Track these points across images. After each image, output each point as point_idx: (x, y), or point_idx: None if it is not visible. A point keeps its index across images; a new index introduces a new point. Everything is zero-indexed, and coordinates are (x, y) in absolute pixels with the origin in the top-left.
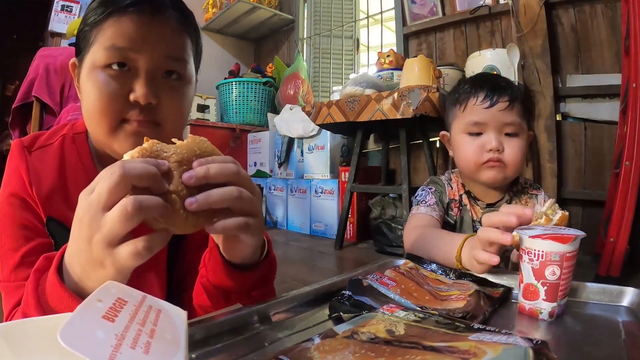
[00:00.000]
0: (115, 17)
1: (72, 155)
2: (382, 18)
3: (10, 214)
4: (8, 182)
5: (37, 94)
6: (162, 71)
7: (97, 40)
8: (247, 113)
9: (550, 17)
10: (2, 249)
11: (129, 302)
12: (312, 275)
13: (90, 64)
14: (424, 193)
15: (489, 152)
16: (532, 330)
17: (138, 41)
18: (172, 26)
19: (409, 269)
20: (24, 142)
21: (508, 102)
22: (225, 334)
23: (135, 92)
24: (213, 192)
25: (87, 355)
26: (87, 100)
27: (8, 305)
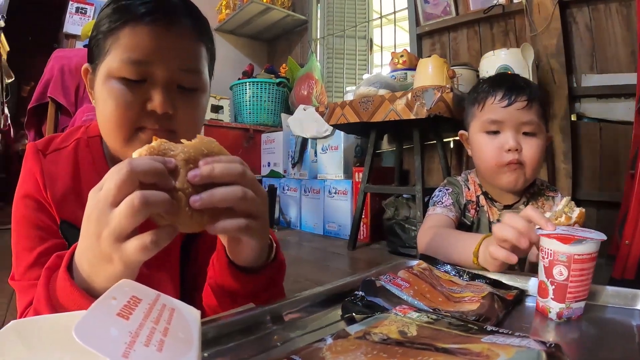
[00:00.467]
0: (130, 27)
1: (86, 159)
2: (395, 18)
3: (26, 215)
4: (23, 184)
5: (52, 95)
6: (177, 83)
7: (113, 49)
8: (261, 113)
9: (565, 16)
10: (17, 248)
11: (143, 301)
12: (325, 275)
13: (105, 73)
14: (440, 194)
15: (507, 152)
16: (546, 333)
17: (155, 53)
18: (187, 36)
19: (422, 269)
20: (38, 145)
21: (526, 101)
22: (237, 333)
23: (153, 102)
24: (216, 190)
25: (102, 352)
26: (104, 110)
27: (22, 304)
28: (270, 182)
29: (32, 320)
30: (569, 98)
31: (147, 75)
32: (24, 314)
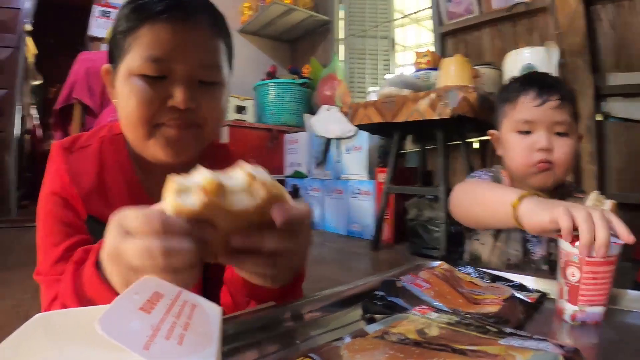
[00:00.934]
0: (149, 24)
1: (111, 156)
2: (418, 17)
3: (52, 212)
4: (49, 182)
5: (78, 96)
6: (198, 79)
7: (132, 48)
8: (284, 114)
9: (589, 13)
10: (43, 244)
11: (165, 296)
12: (348, 276)
13: (126, 71)
14: (480, 173)
15: (538, 151)
16: (566, 338)
17: (174, 50)
18: (205, 32)
19: (443, 270)
20: (64, 143)
21: (559, 100)
22: (257, 331)
23: (175, 98)
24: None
25: (124, 343)
26: (125, 107)
27: (47, 298)
28: (293, 182)
29: (57, 313)
30: (594, 97)
31: (168, 71)
32: (49, 307)
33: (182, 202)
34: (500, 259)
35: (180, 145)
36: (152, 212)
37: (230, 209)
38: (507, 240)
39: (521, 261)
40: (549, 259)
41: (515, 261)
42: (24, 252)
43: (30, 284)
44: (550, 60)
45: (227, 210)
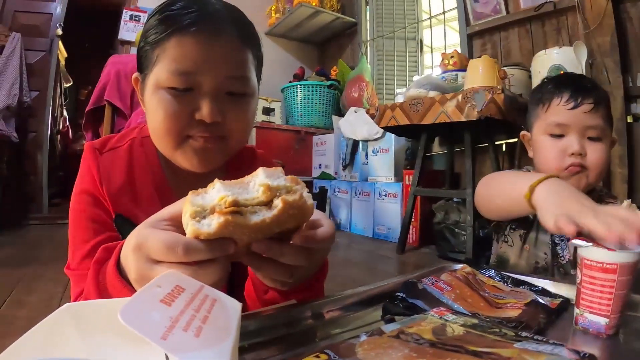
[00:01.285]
0: (177, 37)
1: (140, 157)
2: (444, 18)
3: (83, 209)
4: (81, 180)
5: (108, 98)
6: (225, 91)
7: (160, 60)
8: (312, 115)
9: (618, 11)
10: (74, 240)
11: (186, 290)
12: (373, 278)
13: (154, 83)
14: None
15: (570, 156)
16: (586, 345)
17: (201, 63)
18: (233, 44)
19: (466, 273)
20: (95, 144)
21: (593, 104)
22: (278, 328)
23: (202, 112)
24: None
25: (143, 332)
26: (153, 119)
27: (75, 291)
28: (321, 183)
29: (85, 304)
30: (625, 98)
31: (195, 84)
32: (78, 299)
33: (199, 227)
34: (528, 262)
35: (206, 156)
36: (172, 240)
37: (247, 224)
38: (536, 243)
39: (550, 265)
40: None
41: (543, 265)
42: (55, 248)
43: (62, 278)
44: (579, 60)
45: (245, 225)
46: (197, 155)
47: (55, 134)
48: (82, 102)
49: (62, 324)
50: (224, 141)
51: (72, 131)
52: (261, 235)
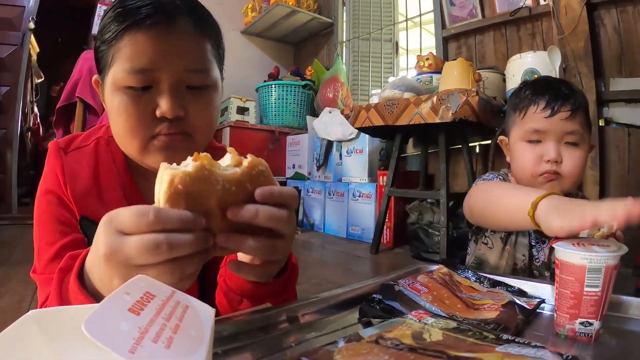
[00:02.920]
0: (130, 34)
1: (106, 158)
2: (421, 21)
3: (48, 210)
4: (45, 181)
5: (80, 95)
6: (185, 85)
7: (116, 60)
8: (287, 116)
9: (592, 18)
10: (39, 242)
11: (156, 297)
12: (347, 278)
13: (112, 84)
14: (491, 176)
15: (546, 162)
16: (565, 345)
17: (157, 59)
18: (189, 35)
19: (442, 274)
20: (60, 143)
21: (570, 111)
22: (253, 332)
23: (161, 108)
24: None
25: (109, 346)
26: (115, 121)
27: (42, 296)
28: (294, 184)
29: (51, 310)
30: (597, 103)
31: (153, 81)
32: (44, 306)
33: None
34: (507, 262)
35: (173, 154)
36: (143, 208)
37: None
38: (516, 245)
39: (527, 266)
40: (551, 266)
41: (521, 266)
42: (25, 249)
43: (32, 280)
44: (553, 65)
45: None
46: (162, 154)
47: (25, 131)
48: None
49: (28, 332)
50: (189, 138)
51: (43, 128)
52: (232, 199)
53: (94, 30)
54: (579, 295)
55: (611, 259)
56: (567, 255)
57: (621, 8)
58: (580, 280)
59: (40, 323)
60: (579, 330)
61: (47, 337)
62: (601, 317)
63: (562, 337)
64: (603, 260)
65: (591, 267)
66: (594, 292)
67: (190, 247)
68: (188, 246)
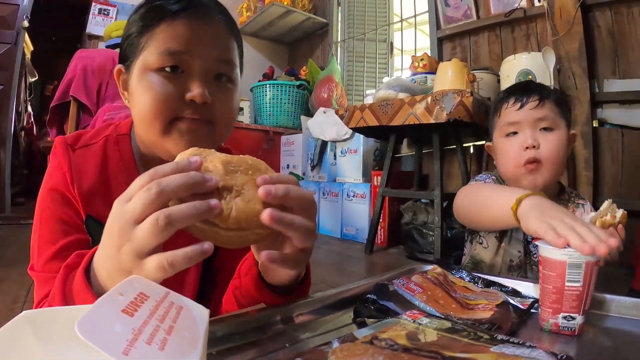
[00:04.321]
0: (167, 22)
1: (115, 157)
2: (415, 21)
3: (51, 208)
4: (50, 178)
5: (74, 94)
6: (214, 73)
7: (149, 45)
8: (281, 115)
9: (587, 19)
10: (40, 240)
11: (150, 298)
12: (342, 278)
13: (141, 67)
14: (484, 176)
15: (525, 150)
16: (559, 345)
17: (192, 44)
18: (221, 30)
19: (436, 274)
20: (67, 139)
21: (538, 100)
22: (248, 332)
23: (192, 92)
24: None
25: (102, 348)
26: (140, 102)
27: (40, 294)
28: None
29: (45, 311)
30: (591, 103)
31: (185, 65)
32: (40, 304)
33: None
34: (504, 259)
35: (195, 140)
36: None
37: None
38: (510, 241)
39: (523, 262)
40: None
41: (517, 262)
42: (19, 249)
43: (25, 280)
44: (547, 65)
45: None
46: (184, 138)
47: (19, 130)
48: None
49: (21, 331)
50: (211, 127)
51: (37, 128)
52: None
53: (88, 29)
54: (561, 290)
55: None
56: (548, 251)
57: (615, 10)
58: (561, 275)
59: (34, 324)
60: (562, 325)
61: (40, 338)
62: (583, 311)
63: (546, 331)
64: (583, 256)
65: (571, 262)
66: (575, 287)
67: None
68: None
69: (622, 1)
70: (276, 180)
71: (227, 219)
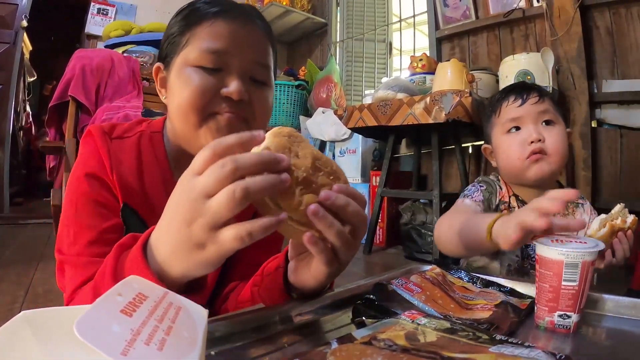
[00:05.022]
0: (209, 20)
1: (149, 153)
2: (414, 22)
3: (88, 192)
4: (86, 163)
5: (73, 94)
6: (250, 74)
7: (190, 42)
8: (280, 116)
9: (585, 20)
10: (76, 224)
11: (149, 298)
12: (340, 278)
13: (182, 62)
14: (473, 189)
15: (530, 144)
16: (558, 344)
17: (231, 44)
18: (259, 34)
19: (435, 275)
20: (105, 127)
21: (538, 96)
22: (247, 333)
23: (229, 88)
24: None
25: (100, 348)
26: (179, 95)
27: (78, 279)
28: None
29: (44, 311)
30: (590, 104)
31: (224, 64)
32: (77, 290)
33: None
34: (502, 264)
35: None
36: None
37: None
38: None
39: (521, 266)
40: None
41: (515, 266)
42: (18, 250)
43: (24, 281)
44: (546, 66)
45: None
46: (219, 134)
47: (17, 130)
48: (46, 97)
49: (20, 332)
50: (246, 125)
51: (36, 127)
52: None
53: (87, 29)
54: (557, 289)
55: (588, 255)
56: (545, 250)
57: (614, 10)
58: (558, 274)
59: (33, 324)
60: (557, 323)
61: (39, 339)
62: (579, 310)
63: (542, 328)
64: (579, 256)
65: (568, 262)
66: (572, 287)
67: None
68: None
69: (621, 2)
70: (346, 193)
71: (296, 209)
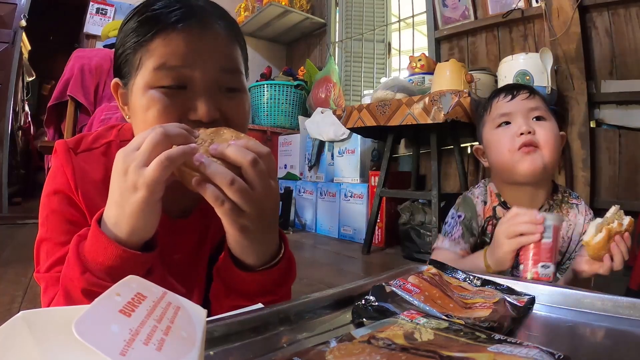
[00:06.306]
0: (162, 36)
1: None
2: (413, 22)
3: (57, 210)
4: (53, 180)
5: (71, 94)
6: (218, 85)
7: (145, 63)
8: (279, 115)
9: (584, 20)
10: (49, 242)
11: (148, 298)
12: (339, 279)
13: (142, 85)
14: (452, 222)
15: (520, 136)
16: (556, 343)
17: (191, 57)
18: (222, 38)
19: (432, 275)
20: (69, 143)
21: (528, 93)
22: (245, 333)
23: (197, 111)
24: (220, 167)
25: (99, 348)
26: (143, 121)
27: (49, 296)
28: (286, 184)
29: (42, 311)
30: (588, 104)
31: (187, 81)
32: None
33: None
34: None
35: None
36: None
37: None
38: None
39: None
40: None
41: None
42: (16, 249)
43: (23, 280)
44: (544, 66)
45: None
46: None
47: (16, 129)
48: (45, 97)
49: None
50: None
51: (34, 127)
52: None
53: (86, 28)
54: (538, 244)
55: (555, 220)
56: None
57: (613, 10)
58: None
59: (31, 324)
60: (541, 273)
61: (37, 339)
62: (554, 261)
63: (530, 278)
64: (550, 220)
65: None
66: (548, 242)
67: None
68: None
69: (620, 2)
70: (243, 144)
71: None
